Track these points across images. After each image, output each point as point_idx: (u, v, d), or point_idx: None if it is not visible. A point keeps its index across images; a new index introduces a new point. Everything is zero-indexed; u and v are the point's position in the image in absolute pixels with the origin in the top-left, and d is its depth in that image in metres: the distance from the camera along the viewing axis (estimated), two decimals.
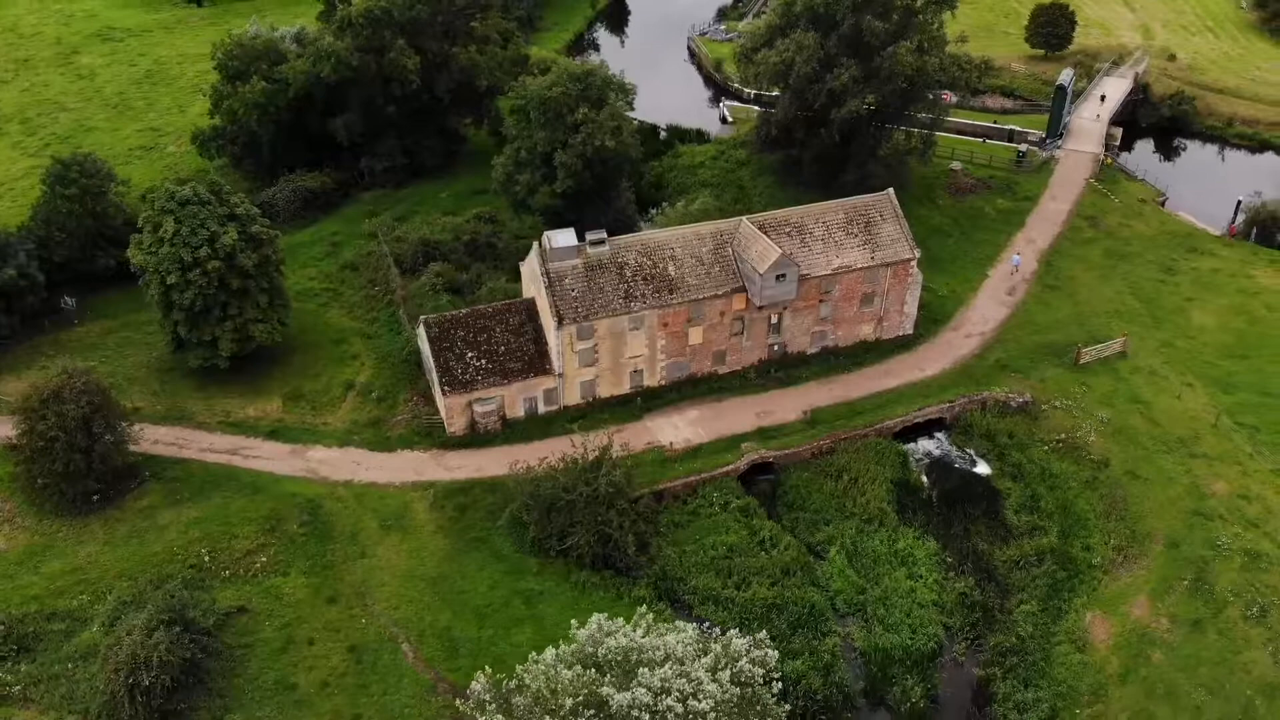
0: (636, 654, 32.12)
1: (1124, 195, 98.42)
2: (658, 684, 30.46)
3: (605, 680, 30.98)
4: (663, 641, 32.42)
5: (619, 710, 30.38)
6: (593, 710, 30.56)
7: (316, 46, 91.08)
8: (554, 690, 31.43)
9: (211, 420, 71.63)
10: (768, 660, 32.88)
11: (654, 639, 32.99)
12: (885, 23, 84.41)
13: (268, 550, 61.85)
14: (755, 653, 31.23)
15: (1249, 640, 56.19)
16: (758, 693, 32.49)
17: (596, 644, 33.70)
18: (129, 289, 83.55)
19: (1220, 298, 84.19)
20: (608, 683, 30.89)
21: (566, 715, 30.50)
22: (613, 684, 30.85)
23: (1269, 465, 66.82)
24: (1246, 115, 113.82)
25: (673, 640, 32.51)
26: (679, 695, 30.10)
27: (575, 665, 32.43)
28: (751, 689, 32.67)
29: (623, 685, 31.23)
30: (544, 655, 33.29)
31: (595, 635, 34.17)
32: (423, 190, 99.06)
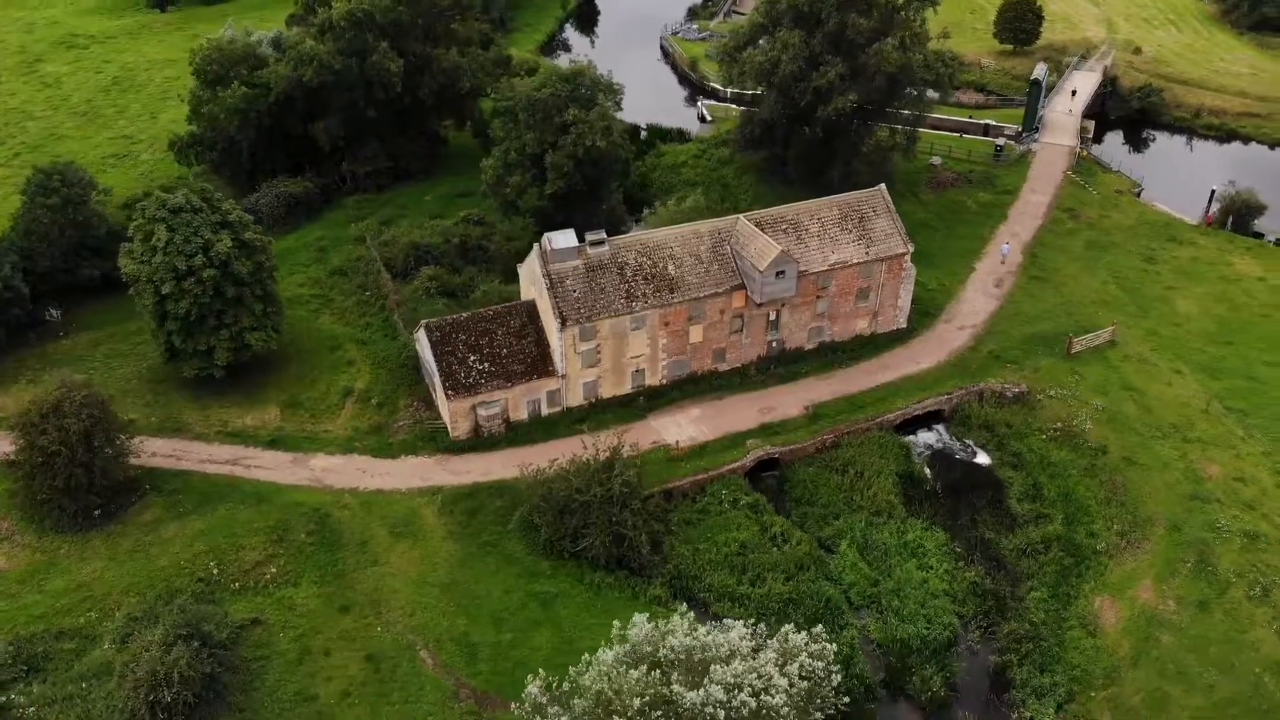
0: (700, 651, 32.23)
1: (1101, 187, 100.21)
2: (730, 680, 30.62)
3: (672, 679, 31.02)
4: (726, 638, 32.59)
5: (691, 709, 30.50)
6: (660, 710, 30.63)
7: (298, 50, 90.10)
8: (618, 691, 31.41)
9: (209, 431, 70.66)
10: (825, 653, 33.20)
11: (717, 635, 33.15)
12: (869, 20, 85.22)
13: (277, 561, 61.15)
14: (813, 646, 31.48)
15: (1254, 620, 57.53)
16: (820, 686, 32.79)
17: (655, 643, 33.75)
18: (113, 299, 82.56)
19: (1201, 286, 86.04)
20: (675, 681, 30.96)
21: (634, 716, 30.53)
22: (679, 682, 30.92)
23: (1260, 448, 68.44)
24: (1213, 106, 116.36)
25: (735, 637, 32.69)
26: (751, 690, 30.29)
27: (640, 665, 32.41)
28: (813, 682, 32.97)
29: (690, 684, 31.33)
30: (600, 656, 33.19)
31: (652, 635, 34.21)
32: (406, 193, 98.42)
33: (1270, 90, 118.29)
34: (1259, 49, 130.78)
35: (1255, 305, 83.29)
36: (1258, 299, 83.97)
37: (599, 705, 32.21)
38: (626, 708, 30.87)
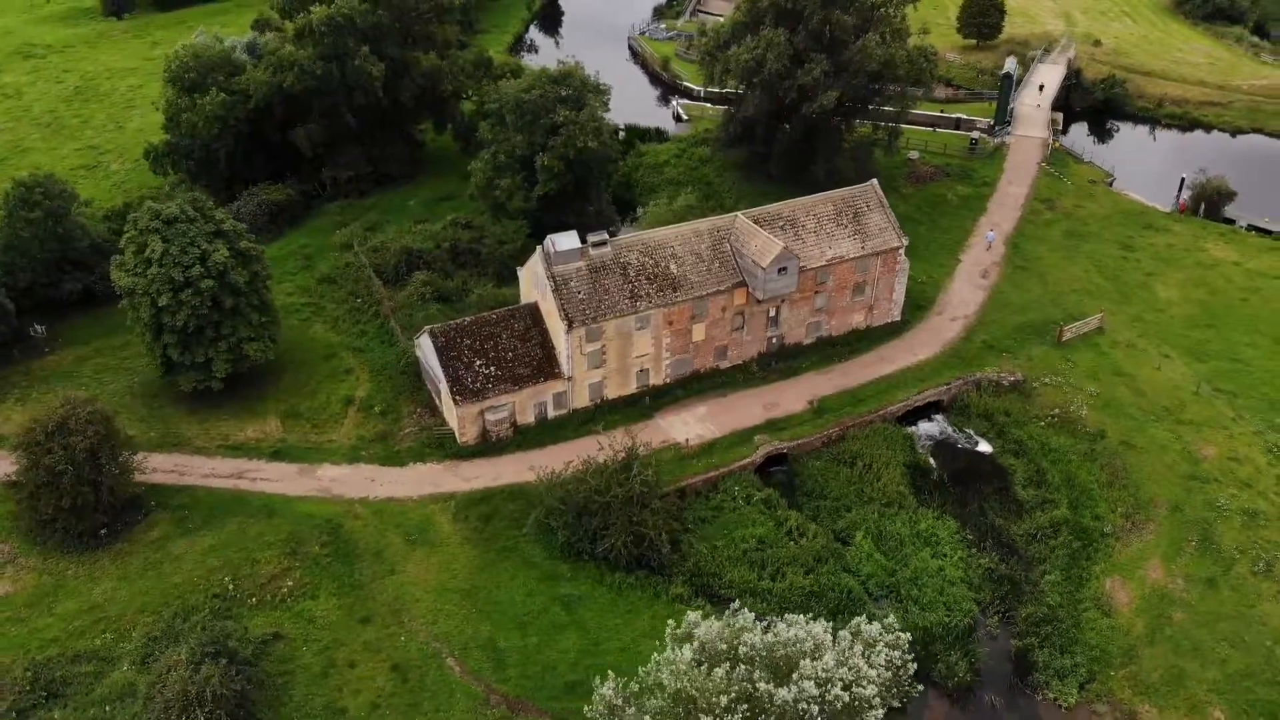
0: (783, 647, 32.52)
1: (1074, 177, 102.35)
2: (822, 674, 30.92)
3: (754, 676, 31.23)
4: (809, 632, 32.90)
5: (782, 706, 30.75)
6: (745, 706, 30.90)
7: (277, 56, 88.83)
8: (701, 690, 31.54)
9: (210, 444, 69.51)
10: (901, 642, 33.67)
11: (798, 630, 33.43)
12: (852, 17, 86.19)
13: (292, 574, 60.36)
14: (889, 637, 31.94)
15: (1260, 594, 59.27)
16: (900, 675, 33.22)
17: (729, 641, 33.96)
18: (96, 313, 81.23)
19: (1179, 272, 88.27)
20: (758, 679, 31.16)
21: (721, 714, 30.71)
22: (762, 680, 31.13)
23: (1251, 428, 70.43)
24: (1175, 96, 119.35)
25: (819, 630, 33.02)
26: (843, 683, 30.61)
27: (720, 663, 32.53)
28: (894, 671, 33.41)
29: (776, 680, 31.57)
30: (672, 655, 33.18)
31: (724, 632, 34.42)
32: (389, 198, 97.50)
33: (1228, 79, 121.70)
34: (1214, 39, 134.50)
35: (1233, 290, 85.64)
36: (1235, 283, 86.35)
37: (679, 704, 32.32)
38: (713, 705, 31.03)
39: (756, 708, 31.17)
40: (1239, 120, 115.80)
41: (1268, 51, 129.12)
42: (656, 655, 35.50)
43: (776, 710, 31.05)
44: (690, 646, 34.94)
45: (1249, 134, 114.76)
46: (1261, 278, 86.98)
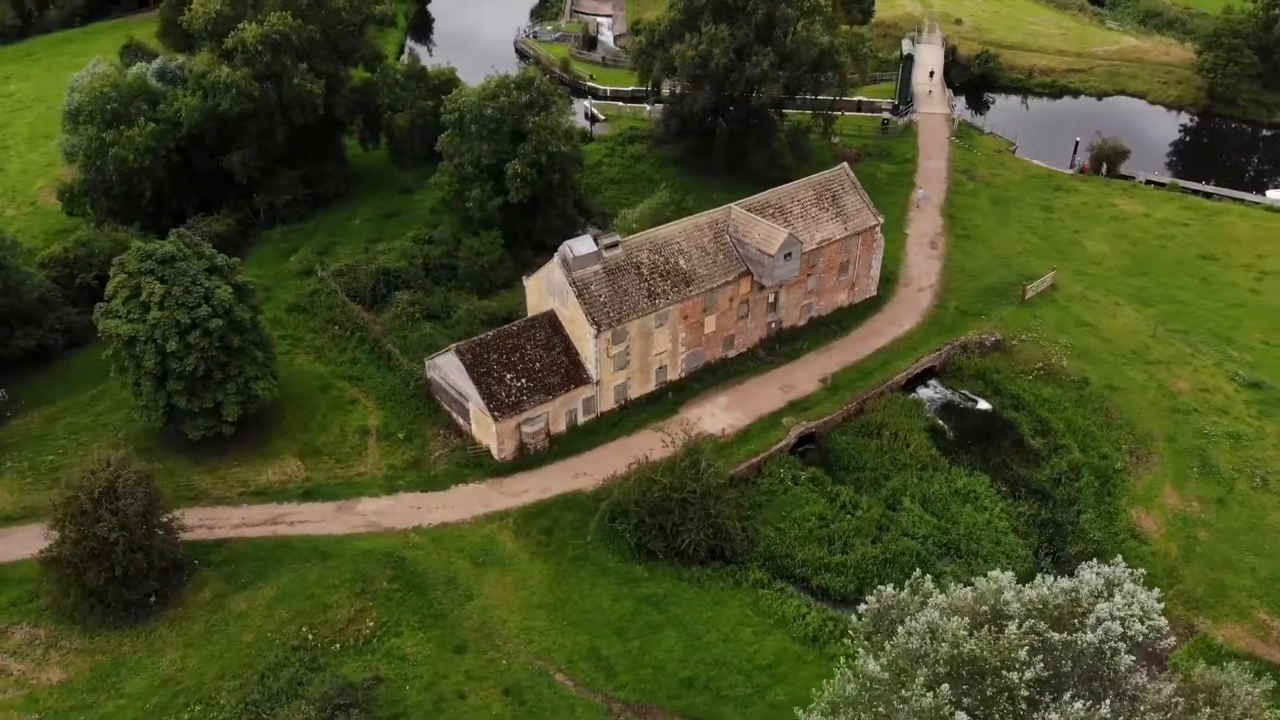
0: (1058, 598, 34.46)
1: (982, 148, 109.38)
2: (1118, 613, 32.96)
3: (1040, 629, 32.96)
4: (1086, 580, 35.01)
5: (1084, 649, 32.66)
6: (1040, 656, 32.70)
7: (210, 79, 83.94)
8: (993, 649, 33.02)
9: (231, 493, 65.70)
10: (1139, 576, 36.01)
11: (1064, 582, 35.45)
12: (794, 10, 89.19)
13: (369, 614, 58.06)
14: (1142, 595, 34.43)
15: (1265, 506, 65.97)
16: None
17: (989, 601, 35.66)
18: (51, 369, 75.46)
19: (1099, 227, 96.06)
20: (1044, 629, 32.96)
21: (1022, 667, 32.37)
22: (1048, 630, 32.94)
23: (1211, 361, 77.81)
24: (1043, 66, 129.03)
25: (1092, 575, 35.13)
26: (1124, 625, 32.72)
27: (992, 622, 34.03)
28: None
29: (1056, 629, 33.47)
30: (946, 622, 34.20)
31: (984, 594, 36.08)
32: (330, 220, 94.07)
33: (1083, 46, 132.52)
34: (1057, 10, 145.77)
35: (1151, 239, 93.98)
36: (1151, 233, 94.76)
37: (956, 668, 33.74)
38: (1010, 662, 32.67)
39: (1049, 657, 33.03)
40: (1102, 84, 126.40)
41: (1110, 19, 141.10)
42: (905, 625, 36.74)
43: (1074, 656, 33.00)
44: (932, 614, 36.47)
45: (1113, 96, 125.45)
46: (1170, 225, 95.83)
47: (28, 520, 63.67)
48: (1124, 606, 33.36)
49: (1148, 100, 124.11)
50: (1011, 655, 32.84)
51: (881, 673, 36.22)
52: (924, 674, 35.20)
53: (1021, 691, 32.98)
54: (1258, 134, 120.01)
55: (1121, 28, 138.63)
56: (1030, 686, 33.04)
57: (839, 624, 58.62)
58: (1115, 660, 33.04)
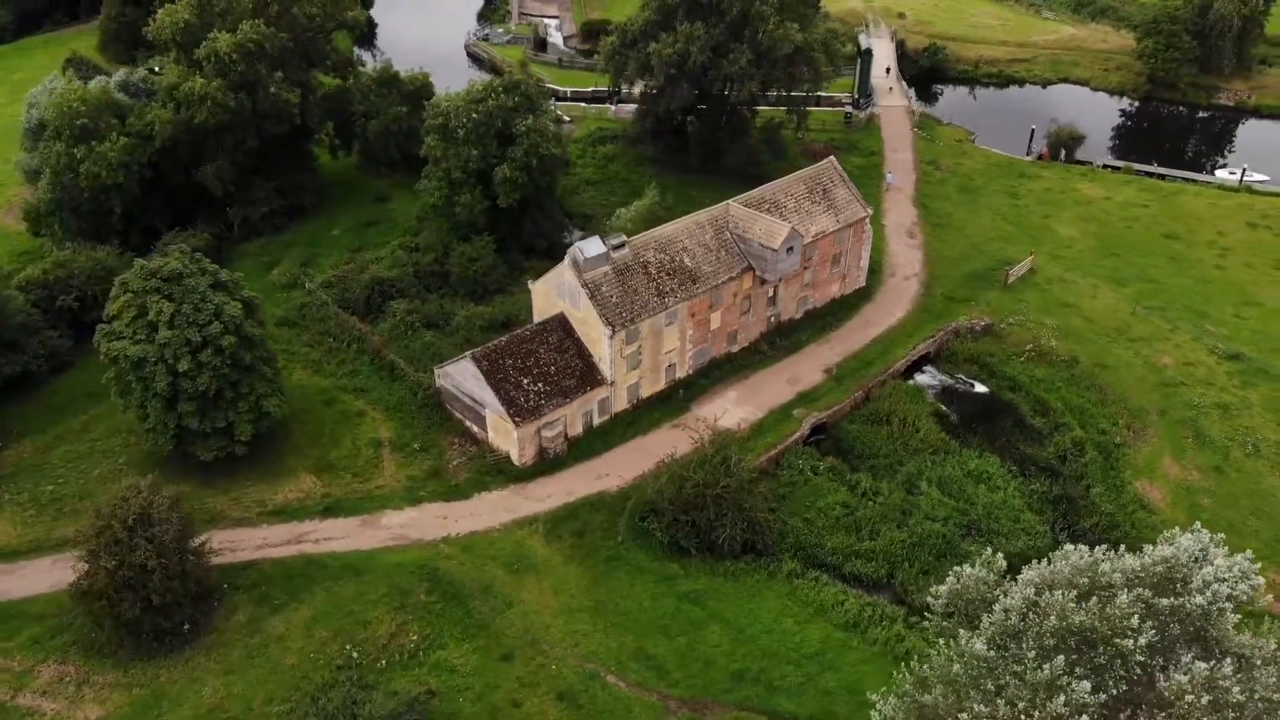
0: (1162, 564, 35.66)
1: (943, 139, 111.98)
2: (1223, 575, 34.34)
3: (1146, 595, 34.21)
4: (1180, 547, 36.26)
5: (1193, 611, 33.99)
6: (1149, 622, 33.88)
7: (184, 90, 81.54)
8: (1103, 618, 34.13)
9: (249, 514, 64.11)
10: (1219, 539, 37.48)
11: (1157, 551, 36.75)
12: (770, 7, 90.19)
13: (410, 627, 57.22)
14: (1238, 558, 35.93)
15: (1259, 471, 69.05)
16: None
17: (1086, 573, 36.76)
18: (37, 396, 72.84)
19: (1065, 211, 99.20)
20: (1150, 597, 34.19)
21: (1134, 634, 33.52)
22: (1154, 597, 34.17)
23: (1189, 336, 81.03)
24: (989, 56, 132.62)
25: (1188, 540, 36.45)
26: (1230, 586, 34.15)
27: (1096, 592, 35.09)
28: None
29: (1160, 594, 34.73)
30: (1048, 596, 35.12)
31: (1081, 567, 37.17)
32: (308, 231, 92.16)
33: (1024, 37, 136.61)
34: (995, 2, 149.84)
35: (1116, 221, 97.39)
36: (1115, 216, 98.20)
37: (1063, 639, 34.84)
38: (1122, 629, 33.84)
39: (1156, 622, 34.29)
40: (1046, 73, 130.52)
41: (1046, 8, 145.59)
42: (1002, 602, 37.65)
43: (1181, 619, 34.33)
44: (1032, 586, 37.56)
45: (1057, 84, 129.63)
46: (1132, 207, 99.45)
47: (36, 554, 61.46)
48: (1225, 569, 34.80)
49: (1090, 87, 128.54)
50: (1123, 623, 33.99)
51: (987, 650, 37.10)
52: (1031, 648, 36.19)
53: (1136, 657, 34.18)
54: (1195, 116, 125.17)
55: (1058, 17, 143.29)
56: (1143, 652, 34.26)
57: (877, 609, 59.78)
58: (1222, 620, 34.50)
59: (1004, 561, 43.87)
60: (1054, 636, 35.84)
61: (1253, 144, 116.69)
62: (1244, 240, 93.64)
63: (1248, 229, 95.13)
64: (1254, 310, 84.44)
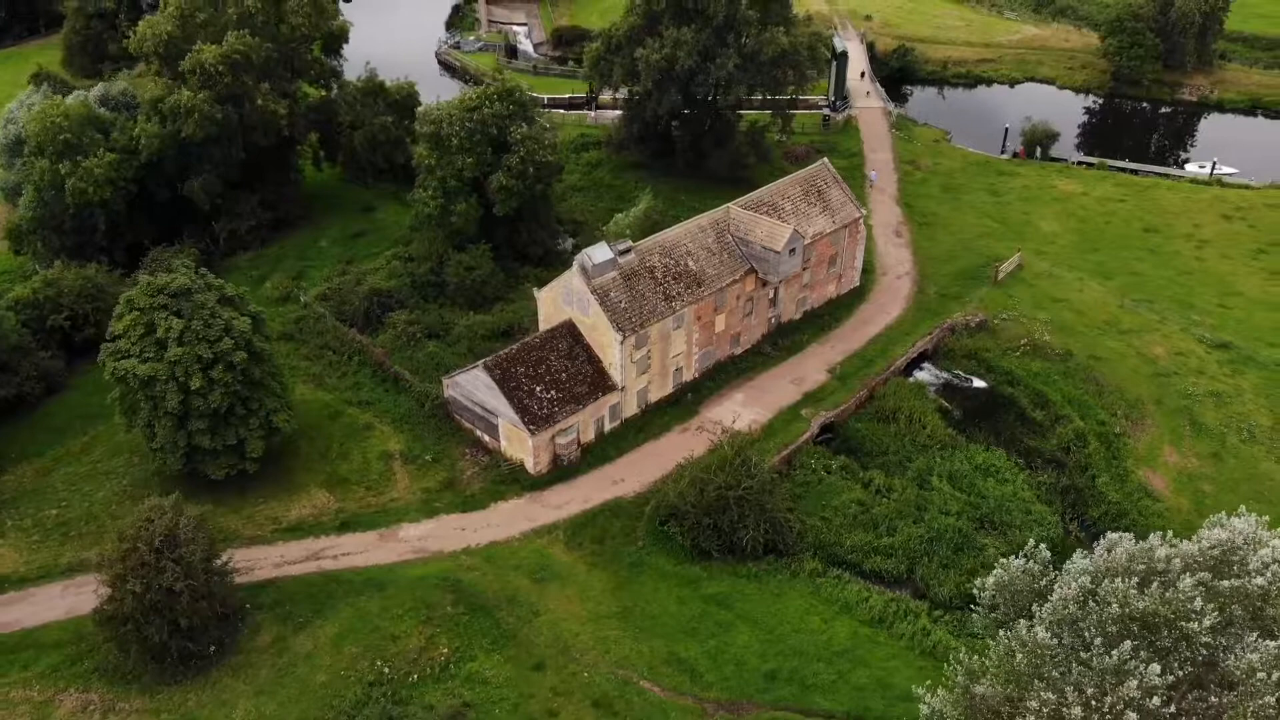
0: (1218, 548, 36.52)
1: (921, 139, 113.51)
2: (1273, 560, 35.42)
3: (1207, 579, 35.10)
4: (1235, 529, 37.23)
5: (1253, 592, 34.91)
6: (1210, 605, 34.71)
7: (171, 103, 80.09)
8: (1165, 602, 34.87)
9: (263, 532, 63.13)
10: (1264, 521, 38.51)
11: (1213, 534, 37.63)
12: (756, 10, 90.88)
13: (439, 640, 56.67)
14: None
15: (1255, 456, 70.81)
16: None
17: (1141, 559, 37.49)
18: (31, 418, 71.30)
19: (1045, 208, 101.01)
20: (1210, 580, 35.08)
21: (1199, 617, 34.29)
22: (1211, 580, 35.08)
23: (1177, 327, 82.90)
24: (956, 57, 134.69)
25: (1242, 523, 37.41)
26: None
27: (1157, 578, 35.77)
28: None
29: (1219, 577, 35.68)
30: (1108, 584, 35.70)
31: (1135, 553, 37.83)
32: (295, 243, 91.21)
33: (989, 37, 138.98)
34: (957, 3, 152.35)
35: (1095, 216, 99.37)
36: (1093, 211, 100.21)
37: (1125, 625, 35.50)
38: (1185, 612, 34.65)
39: (1218, 604, 35.17)
40: (1013, 72, 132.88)
41: (1008, 9, 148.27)
42: (1059, 592, 38.27)
43: (1241, 600, 35.22)
44: (1086, 575, 38.27)
45: (1024, 83, 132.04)
46: (1109, 203, 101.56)
47: (45, 580, 60.06)
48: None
49: (1056, 86, 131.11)
50: (1186, 606, 34.79)
51: (1051, 639, 37.69)
52: (1093, 635, 36.84)
53: (1202, 639, 34.97)
54: (1159, 111, 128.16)
55: (1019, 17, 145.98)
56: (1208, 633, 35.07)
57: (900, 604, 60.33)
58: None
59: (1048, 552, 44.71)
60: (1116, 623, 36.53)
61: (1216, 138, 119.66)
62: (1220, 232, 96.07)
63: (1223, 221, 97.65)
64: (1237, 300, 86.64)
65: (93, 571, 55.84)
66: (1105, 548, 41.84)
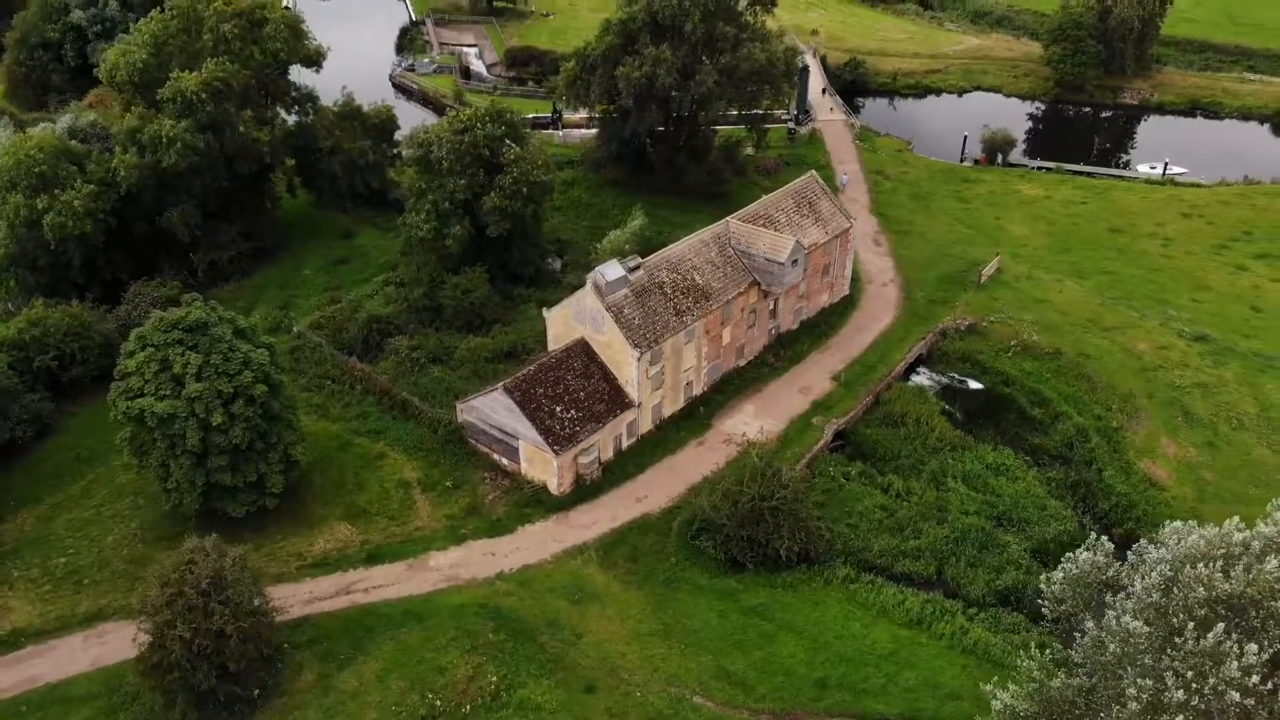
0: None
1: (884, 149, 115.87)
2: None
3: None
4: None
5: None
6: None
7: (150, 133, 77.83)
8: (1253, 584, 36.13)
9: (288, 568, 61.39)
10: None
11: None
12: (732, 27, 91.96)
13: (486, 669, 55.71)
14: None
15: (1248, 443, 73.63)
16: None
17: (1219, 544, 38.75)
18: (25, 464, 68.64)
19: (1013, 212, 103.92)
20: None
21: None
22: None
23: (1157, 322, 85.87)
24: (905, 69, 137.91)
25: None
26: None
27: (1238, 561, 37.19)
28: None
29: None
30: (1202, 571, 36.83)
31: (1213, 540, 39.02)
32: (277, 273, 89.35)
33: (934, 48, 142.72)
34: (896, 16, 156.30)
35: (1061, 219, 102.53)
36: (1059, 213, 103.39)
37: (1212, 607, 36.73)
38: (1275, 591, 36.03)
39: None
40: (960, 82, 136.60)
41: (949, 20, 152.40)
42: (1142, 581, 39.28)
43: None
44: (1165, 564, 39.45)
45: (972, 91, 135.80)
46: (1072, 205, 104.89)
47: (64, 631, 57.53)
48: None
49: (1003, 94, 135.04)
50: (1273, 586, 36.16)
51: (1144, 626, 38.70)
52: (1183, 620, 37.94)
53: None
54: (1101, 116, 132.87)
55: (959, 28, 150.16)
56: None
57: (935, 605, 61.13)
58: None
59: (1110, 544, 45.93)
60: (1204, 606, 37.69)
61: (1157, 138, 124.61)
62: (1181, 230, 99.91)
63: (1182, 219, 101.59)
64: (1207, 294, 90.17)
65: (128, 617, 53.83)
66: (1175, 537, 43.18)
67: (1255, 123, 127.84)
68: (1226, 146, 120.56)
